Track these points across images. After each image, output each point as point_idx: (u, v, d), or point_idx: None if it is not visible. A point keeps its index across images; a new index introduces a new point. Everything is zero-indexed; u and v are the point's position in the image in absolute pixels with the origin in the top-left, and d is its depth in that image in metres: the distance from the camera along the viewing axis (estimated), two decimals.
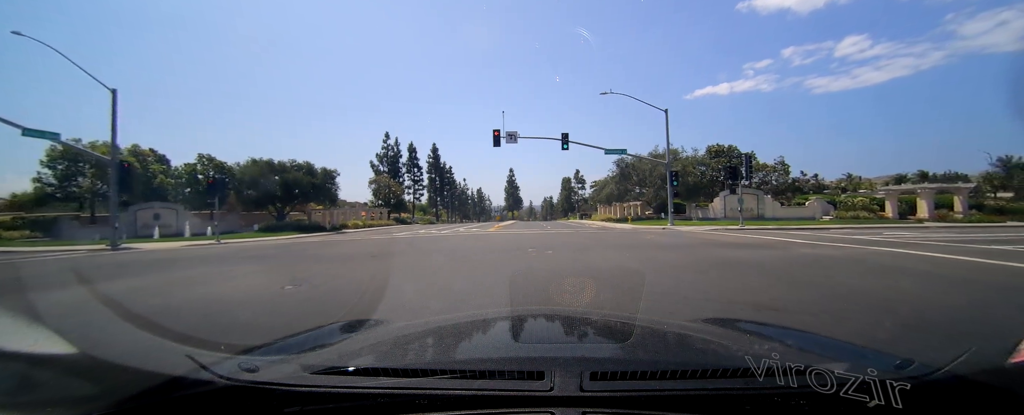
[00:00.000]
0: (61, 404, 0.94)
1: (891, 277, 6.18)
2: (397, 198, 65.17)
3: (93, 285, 7.15)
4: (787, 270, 6.81)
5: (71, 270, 9.70)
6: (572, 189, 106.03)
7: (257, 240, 20.66)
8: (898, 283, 5.70)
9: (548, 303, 4.74)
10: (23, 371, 1.16)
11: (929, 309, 4.23)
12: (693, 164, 41.15)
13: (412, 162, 76.64)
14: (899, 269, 6.81)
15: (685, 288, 5.37)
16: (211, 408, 0.93)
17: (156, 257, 12.45)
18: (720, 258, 8.60)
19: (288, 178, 33.64)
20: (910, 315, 3.96)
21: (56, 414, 0.90)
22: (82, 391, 1.10)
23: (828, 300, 4.59)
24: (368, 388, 0.95)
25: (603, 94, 28.98)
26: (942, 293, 4.96)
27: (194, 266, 9.68)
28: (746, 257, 8.68)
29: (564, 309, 3.02)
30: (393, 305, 4.88)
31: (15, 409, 0.89)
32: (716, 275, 6.50)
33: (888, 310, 4.09)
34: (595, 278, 6.42)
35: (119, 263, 10.88)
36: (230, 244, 18.02)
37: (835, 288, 5.24)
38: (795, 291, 5.09)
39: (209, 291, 6.10)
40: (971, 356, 0.99)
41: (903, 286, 5.47)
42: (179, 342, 3.44)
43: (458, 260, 9.32)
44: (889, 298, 4.69)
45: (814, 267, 7.16)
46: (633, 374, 0.98)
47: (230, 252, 13.52)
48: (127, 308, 5.03)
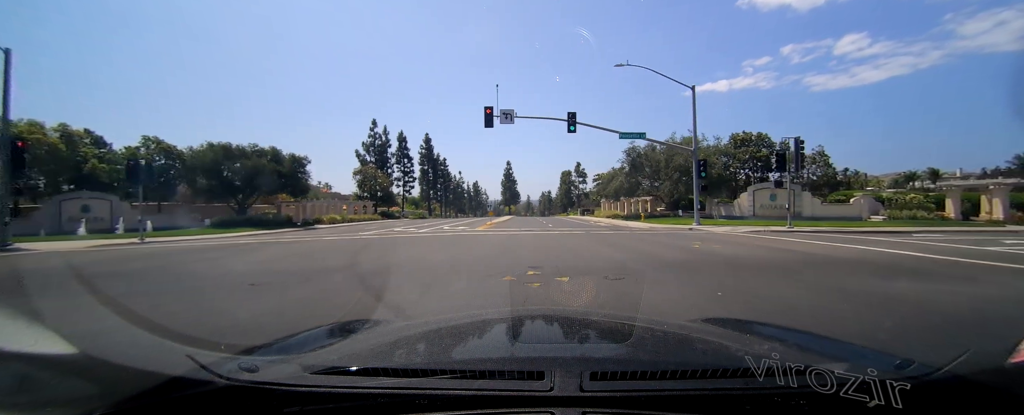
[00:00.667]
0: (61, 404, 0.97)
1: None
2: (385, 190, 58.95)
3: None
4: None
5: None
6: (572, 183, 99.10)
7: (193, 239, 16.83)
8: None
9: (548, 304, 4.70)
10: (23, 371, 1.14)
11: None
12: (716, 154, 35.88)
13: (402, 152, 69.51)
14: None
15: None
16: (211, 408, 0.93)
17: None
18: (890, 296, 4.66)
19: (249, 165, 29.02)
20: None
21: (56, 414, 0.92)
22: (82, 391, 1.11)
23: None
24: (368, 388, 0.94)
25: (618, 66, 23.75)
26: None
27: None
28: (931, 296, 4.73)
29: (564, 309, 2.97)
30: None
31: (15, 409, 0.91)
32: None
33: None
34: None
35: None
36: (154, 245, 14.69)
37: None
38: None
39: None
40: (971, 356, 0.98)
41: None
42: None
43: (416, 282, 6.02)
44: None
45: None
46: (633, 374, 0.98)
47: (113, 259, 10.22)
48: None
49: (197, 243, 15.20)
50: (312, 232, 21.15)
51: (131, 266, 8.61)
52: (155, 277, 7.16)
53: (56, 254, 12.30)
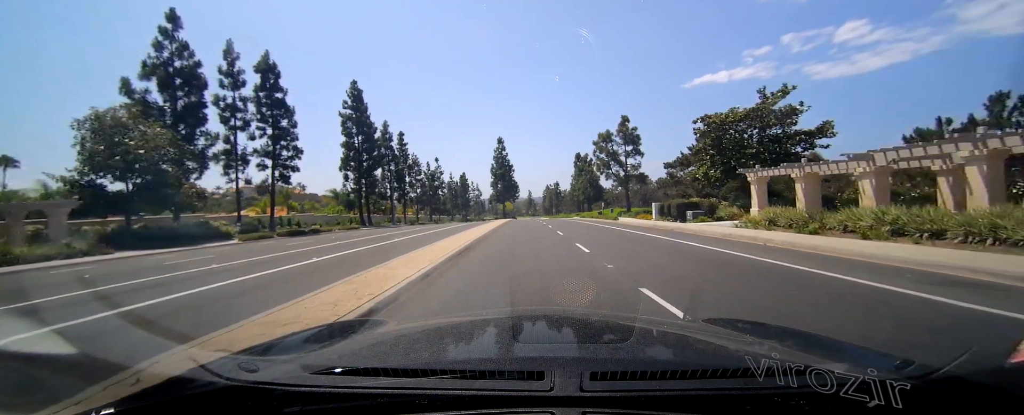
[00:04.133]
0: (61, 404, 1.03)
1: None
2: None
3: None
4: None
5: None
6: (612, 158, 54.47)
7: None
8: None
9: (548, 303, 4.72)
10: (24, 371, 1.23)
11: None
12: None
13: (269, 93, 35.50)
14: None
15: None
16: (211, 408, 0.93)
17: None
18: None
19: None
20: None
21: (56, 414, 0.98)
22: (83, 391, 1.22)
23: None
24: (368, 388, 0.94)
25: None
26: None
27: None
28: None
29: (564, 309, 2.95)
30: None
31: (15, 409, 1.00)
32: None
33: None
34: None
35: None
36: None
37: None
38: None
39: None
40: (971, 356, 0.99)
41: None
42: None
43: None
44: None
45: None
46: (633, 374, 0.97)
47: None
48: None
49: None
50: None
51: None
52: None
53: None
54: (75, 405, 2.00)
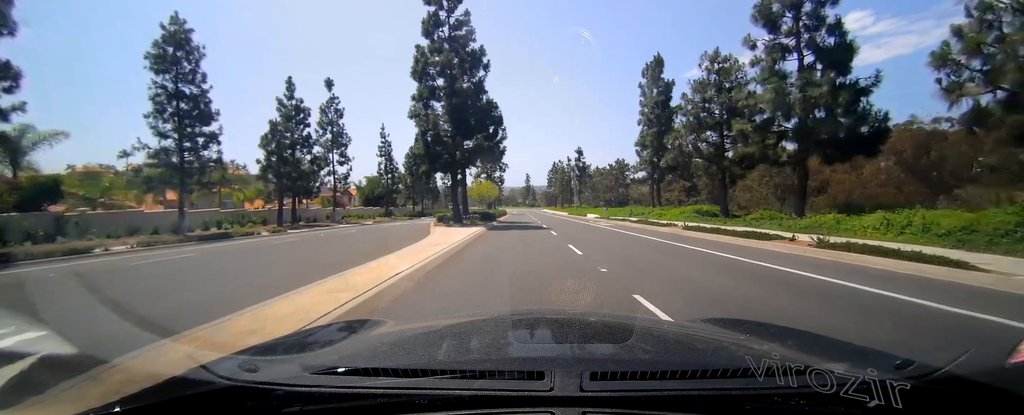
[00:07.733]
0: (61, 404, 1.02)
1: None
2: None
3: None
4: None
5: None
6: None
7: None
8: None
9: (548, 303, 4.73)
10: (24, 370, 1.18)
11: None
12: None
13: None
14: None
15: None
16: (211, 408, 0.92)
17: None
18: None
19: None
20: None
21: (56, 414, 0.98)
22: (83, 390, 1.20)
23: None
24: (368, 388, 0.94)
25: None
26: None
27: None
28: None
29: (564, 309, 2.97)
30: None
31: (15, 409, 0.96)
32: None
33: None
34: None
35: None
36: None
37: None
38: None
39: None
40: (971, 356, 0.98)
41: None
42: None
43: None
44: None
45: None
46: (633, 374, 0.97)
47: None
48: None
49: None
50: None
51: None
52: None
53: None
54: (75, 405, 1.99)
